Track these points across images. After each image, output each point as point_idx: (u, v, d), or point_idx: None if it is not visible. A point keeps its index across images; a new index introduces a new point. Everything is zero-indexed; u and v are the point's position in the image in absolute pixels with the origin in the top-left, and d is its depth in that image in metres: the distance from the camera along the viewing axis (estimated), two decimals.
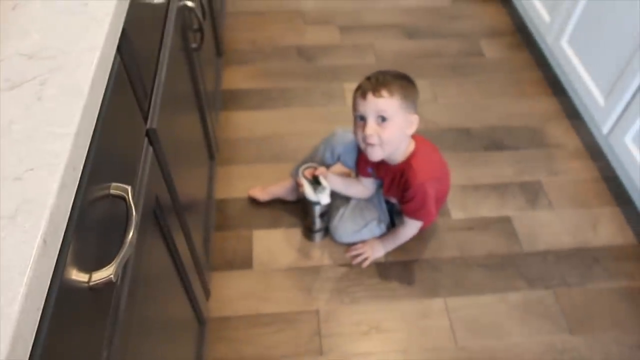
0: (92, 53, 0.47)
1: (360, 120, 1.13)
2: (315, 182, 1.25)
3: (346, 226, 1.32)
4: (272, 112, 1.70)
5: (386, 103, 1.08)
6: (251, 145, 1.59)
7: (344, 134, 1.31)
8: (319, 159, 1.34)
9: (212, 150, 1.34)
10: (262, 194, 1.42)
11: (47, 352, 0.37)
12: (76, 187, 0.42)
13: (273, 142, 1.60)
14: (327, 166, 1.32)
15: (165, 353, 0.81)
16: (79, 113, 0.42)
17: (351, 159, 1.32)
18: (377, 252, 1.33)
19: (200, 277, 1.04)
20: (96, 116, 0.47)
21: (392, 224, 1.36)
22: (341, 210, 1.34)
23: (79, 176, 0.42)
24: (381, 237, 1.35)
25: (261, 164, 1.54)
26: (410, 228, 1.28)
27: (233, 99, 1.73)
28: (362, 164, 1.29)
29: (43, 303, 0.35)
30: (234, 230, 1.39)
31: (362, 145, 1.15)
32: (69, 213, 0.40)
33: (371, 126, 1.09)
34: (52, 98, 0.43)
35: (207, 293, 1.12)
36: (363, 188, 1.35)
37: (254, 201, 1.44)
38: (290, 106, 1.72)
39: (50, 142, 0.40)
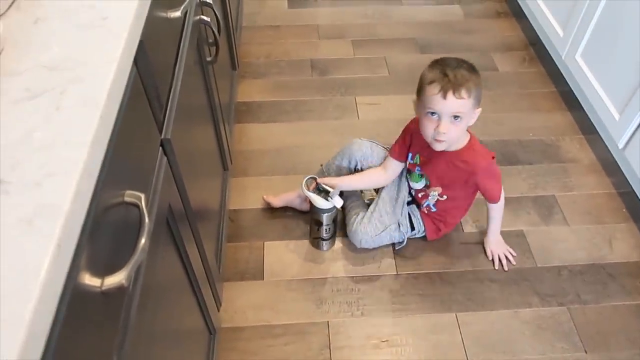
0: (110, 65, 0.49)
1: (431, 115, 1.13)
2: (320, 190, 1.26)
3: (367, 230, 1.30)
4: (286, 125, 1.72)
5: (464, 104, 1.10)
6: (265, 157, 1.61)
7: (362, 143, 1.36)
8: (336, 167, 1.36)
9: (225, 162, 1.35)
10: (276, 200, 1.44)
11: (59, 354, 0.38)
12: (91, 193, 0.43)
13: (286, 154, 1.62)
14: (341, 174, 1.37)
15: None
16: (95, 123, 0.44)
17: (369, 166, 1.35)
18: (502, 245, 1.37)
19: (211, 286, 1.04)
20: (112, 126, 0.49)
21: (412, 228, 1.35)
22: (360, 215, 1.33)
23: (94, 183, 0.44)
24: (488, 234, 1.36)
25: (274, 175, 1.56)
26: (503, 200, 1.30)
27: (247, 112, 1.75)
28: (401, 149, 1.29)
29: (56, 306, 0.36)
30: (247, 240, 1.39)
31: (429, 139, 1.16)
32: (83, 219, 0.41)
33: (446, 125, 1.11)
34: (70, 108, 0.45)
35: (218, 303, 1.13)
36: (380, 174, 1.32)
37: (266, 212, 1.45)
38: (303, 119, 1.74)
39: (67, 150, 0.42)
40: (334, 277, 1.32)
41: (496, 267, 1.35)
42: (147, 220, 0.52)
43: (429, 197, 1.32)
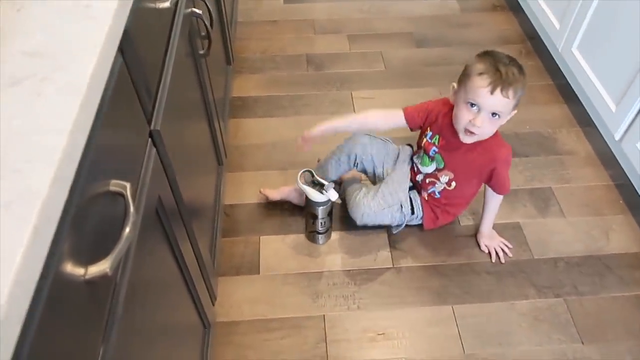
0: (92, 53, 0.49)
1: (471, 106, 1.11)
2: (316, 184, 1.26)
3: (370, 204, 1.26)
4: (282, 120, 1.71)
5: (507, 104, 1.10)
6: (260, 152, 1.60)
7: (361, 137, 1.34)
8: (334, 163, 1.35)
9: (220, 156, 1.35)
10: (274, 193, 1.43)
11: (40, 339, 0.38)
12: (71, 180, 0.42)
13: (282, 149, 1.61)
14: (343, 170, 1.37)
15: (169, 354, 0.81)
16: (76, 110, 0.43)
17: (369, 162, 1.34)
18: (495, 238, 1.37)
19: (205, 280, 1.04)
20: (94, 113, 0.48)
21: (412, 211, 1.33)
22: (364, 190, 1.30)
23: (75, 170, 0.43)
24: (482, 227, 1.36)
25: (270, 170, 1.55)
26: (499, 198, 1.31)
27: (243, 106, 1.75)
28: (414, 116, 1.27)
29: (33, 291, 0.36)
30: (242, 235, 1.39)
31: (461, 128, 1.15)
32: (63, 205, 0.41)
33: (484, 120, 1.11)
34: (51, 95, 0.44)
35: (213, 297, 1.13)
36: (378, 117, 1.30)
37: (262, 207, 1.45)
38: (299, 114, 1.74)
39: (47, 136, 0.41)
40: (329, 271, 1.32)
41: (493, 260, 1.34)
42: (132, 209, 0.52)
43: (437, 184, 1.30)
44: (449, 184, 1.28)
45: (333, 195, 1.24)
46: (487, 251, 1.36)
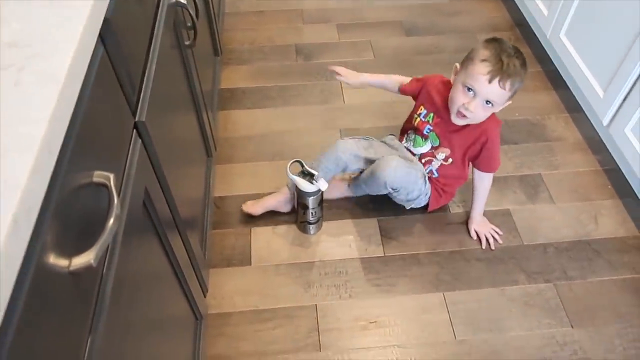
0: (71, 42, 0.48)
1: (468, 90, 1.14)
2: (305, 174, 1.26)
3: (400, 161, 1.25)
4: (271, 111, 1.70)
5: (503, 95, 1.12)
6: (250, 144, 1.60)
7: (346, 142, 1.34)
8: (323, 168, 1.32)
9: (209, 148, 1.34)
10: (255, 208, 1.38)
11: (23, 331, 0.37)
12: (51, 171, 0.42)
13: (272, 140, 1.61)
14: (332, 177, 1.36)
15: (161, 346, 0.81)
16: (54, 99, 0.43)
17: (358, 165, 1.34)
18: (486, 224, 1.37)
19: (196, 272, 1.04)
20: (74, 103, 0.48)
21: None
22: (390, 155, 1.29)
23: (55, 160, 0.43)
24: (473, 213, 1.37)
25: (260, 161, 1.55)
26: (489, 178, 1.32)
27: (232, 98, 1.74)
28: (413, 86, 1.33)
29: (14, 282, 0.36)
30: (233, 227, 1.39)
31: (454, 109, 1.18)
32: (43, 196, 0.40)
33: (477, 106, 1.14)
34: (28, 84, 0.44)
35: (204, 289, 1.12)
36: (400, 80, 1.37)
37: (252, 198, 1.44)
38: (289, 104, 1.73)
39: (25, 126, 0.41)
40: (321, 261, 1.32)
41: (483, 247, 1.35)
42: (115, 200, 0.51)
43: (433, 162, 1.31)
44: (446, 159, 1.29)
45: (323, 185, 1.24)
46: (475, 238, 1.37)
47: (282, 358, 1.15)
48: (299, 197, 1.29)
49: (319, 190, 1.25)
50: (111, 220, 0.50)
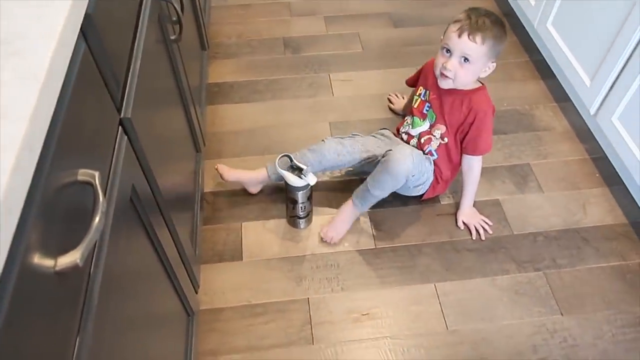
0: (50, 38, 0.47)
1: (446, 52, 1.20)
2: (294, 168, 1.25)
3: (412, 151, 1.26)
4: (260, 105, 1.69)
5: (475, 49, 1.16)
6: (239, 138, 1.59)
7: (331, 141, 1.35)
8: (302, 160, 1.32)
9: (198, 144, 1.33)
10: (227, 173, 1.39)
11: (8, 332, 0.37)
12: (33, 170, 0.41)
13: (261, 134, 1.60)
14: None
15: (153, 343, 0.81)
16: (34, 97, 0.42)
17: (346, 154, 1.35)
18: (476, 215, 1.38)
19: (187, 269, 1.03)
20: (55, 101, 0.47)
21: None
22: (394, 149, 1.27)
23: (37, 159, 0.42)
24: (462, 204, 1.38)
25: (250, 156, 1.54)
26: (479, 167, 1.33)
27: (220, 92, 1.73)
28: (413, 78, 1.40)
29: None
30: (223, 222, 1.38)
31: (438, 72, 1.22)
32: (25, 196, 0.40)
33: (453, 63, 1.18)
34: (7, 82, 0.43)
35: (195, 285, 1.12)
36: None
37: (242, 193, 1.43)
38: (277, 98, 1.72)
39: (4, 125, 0.40)
40: (312, 254, 1.32)
41: (473, 237, 1.36)
42: (101, 198, 0.51)
43: (432, 141, 1.31)
44: (442, 137, 1.30)
45: (312, 179, 1.24)
46: (463, 228, 1.37)
47: (275, 352, 1.15)
48: (288, 192, 1.29)
49: (308, 184, 1.25)
50: (97, 219, 0.49)
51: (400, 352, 1.16)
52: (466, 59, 1.17)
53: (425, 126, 1.32)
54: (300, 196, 1.27)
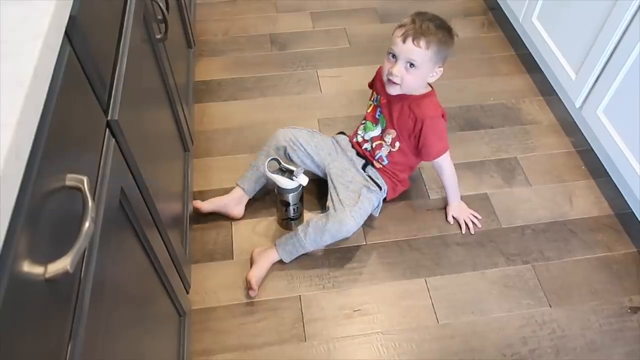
0: (35, 42, 0.46)
1: (392, 57, 1.19)
2: (284, 171, 1.25)
3: (351, 210, 1.22)
4: (248, 102, 1.69)
5: (420, 53, 1.15)
6: (228, 136, 1.58)
7: (285, 130, 1.35)
8: (264, 157, 1.32)
9: (186, 143, 1.32)
10: (204, 206, 1.35)
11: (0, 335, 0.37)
12: (21, 177, 0.41)
13: (250, 132, 1.59)
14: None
15: (145, 345, 0.81)
16: (20, 103, 0.41)
17: (302, 152, 1.33)
18: (465, 209, 1.39)
19: (178, 269, 1.03)
20: (42, 106, 0.46)
21: (379, 187, 1.31)
22: (335, 201, 1.24)
23: (24, 166, 0.41)
24: (449, 200, 1.39)
25: (238, 154, 1.53)
26: (448, 166, 1.33)
27: (207, 91, 1.71)
28: (376, 85, 1.34)
29: None
30: (214, 222, 1.38)
31: (385, 79, 1.22)
32: (13, 204, 0.39)
33: (399, 68, 1.17)
34: None
35: (186, 285, 1.12)
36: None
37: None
38: (265, 95, 1.71)
39: None
40: (303, 252, 1.32)
41: (463, 232, 1.37)
42: (90, 203, 0.50)
43: (383, 147, 1.31)
44: (392, 144, 1.30)
45: (304, 180, 1.23)
46: (452, 223, 1.39)
47: (267, 350, 1.16)
48: (279, 195, 1.28)
49: (300, 185, 1.24)
50: (86, 225, 0.49)
51: (392, 347, 1.17)
52: (412, 64, 1.16)
53: (377, 131, 1.32)
54: (292, 198, 1.27)
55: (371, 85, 1.38)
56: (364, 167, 1.33)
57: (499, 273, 1.30)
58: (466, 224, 1.37)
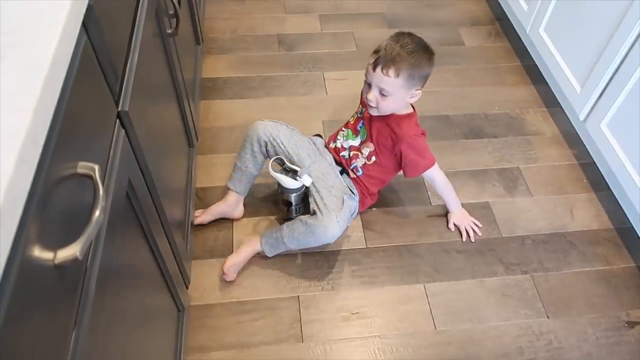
0: (54, 29, 0.47)
1: (367, 84, 1.20)
2: (288, 171, 1.24)
3: (337, 215, 1.19)
4: (253, 101, 1.69)
5: (389, 82, 1.15)
6: (232, 134, 1.58)
7: (265, 122, 1.29)
8: (250, 157, 1.30)
9: (191, 138, 1.33)
10: (204, 216, 1.33)
11: (8, 324, 0.37)
12: (37, 162, 0.41)
13: None
14: (261, 161, 1.32)
15: (143, 338, 0.81)
16: (39, 88, 0.42)
17: (280, 148, 1.27)
18: (466, 217, 1.39)
19: (179, 264, 1.03)
20: (59, 93, 0.46)
21: (352, 192, 1.30)
22: (320, 205, 1.21)
23: (40, 152, 0.42)
24: (448, 207, 1.39)
25: None
26: (439, 177, 1.33)
27: (213, 88, 1.72)
28: (362, 98, 1.32)
29: (0, 275, 0.35)
30: (215, 219, 1.37)
31: (365, 101, 1.23)
32: (29, 187, 0.39)
33: (373, 94, 1.18)
34: (12, 73, 0.42)
35: (186, 281, 1.12)
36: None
37: None
38: (271, 95, 1.72)
39: (9, 116, 0.39)
40: (303, 253, 1.32)
41: (463, 239, 1.37)
42: (101, 192, 0.50)
43: (359, 158, 1.31)
44: (369, 157, 1.30)
45: (307, 180, 1.23)
46: (454, 230, 1.39)
47: (264, 350, 1.16)
48: (282, 194, 1.28)
49: (303, 185, 1.24)
50: (97, 213, 0.49)
51: (389, 351, 1.17)
52: (383, 92, 1.16)
53: (356, 142, 1.32)
54: (295, 198, 1.27)
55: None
56: (341, 173, 1.32)
57: (498, 282, 1.30)
58: (467, 232, 1.38)
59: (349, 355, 1.16)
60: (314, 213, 1.22)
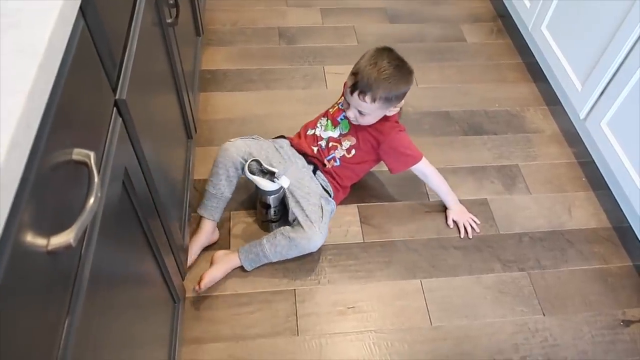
0: (50, 13, 0.46)
1: (345, 100, 1.24)
2: (265, 173, 1.23)
3: (319, 226, 1.20)
4: (253, 94, 1.68)
5: (366, 106, 1.20)
6: (231, 127, 1.58)
7: (234, 143, 1.27)
8: (225, 181, 1.26)
9: (189, 130, 1.32)
10: (190, 257, 1.24)
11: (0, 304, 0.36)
12: (30, 146, 0.40)
13: (253, 123, 1.59)
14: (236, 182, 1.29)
15: (139, 328, 0.80)
16: (33, 72, 0.41)
17: (253, 165, 1.24)
18: (465, 213, 1.40)
19: (175, 255, 1.03)
20: (54, 77, 0.46)
21: (329, 194, 1.30)
22: (301, 216, 1.21)
23: (34, 135, 0.41)
24: (446, 203, 1.40)
25: None
26: (431, 173, 1.34)
27: (212, 80, 1.71)
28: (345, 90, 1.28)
29: None
30: None
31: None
32: (21, 173, 0.39)
33: (353, 113, 1.24)
34: (6, 56, 0.42)
35: (182, 272, 1.11)
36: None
37: None
38: (270, 88, 1.71)
39: (3, 99, 0.39)
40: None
41: (461, 236, 1.37)
42: (96, 179, 0.50)
43: (337, 149, 1.31)
44: (348, 150, 1.30)
45: (285, 182, 1.21)
46: (453, 226, 1.39)
47: (259, 342, 1.15)
48: (260, 197, 1.26)
49: (281, 187, 1.22)
50: (91, 200, 0.49)
51: (384, 346, 1.17)
52: (360, 112, 1.21)
53: (335, 133, 1.32)
54: (273, 200, 1.25)
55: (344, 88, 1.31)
56: (314, 172, 1.31)
57: (495, 278, 1.30)
58: (465, 228, 1.37)
59: (344, 350, 1.16)
60: (295, 222, 1.22)
